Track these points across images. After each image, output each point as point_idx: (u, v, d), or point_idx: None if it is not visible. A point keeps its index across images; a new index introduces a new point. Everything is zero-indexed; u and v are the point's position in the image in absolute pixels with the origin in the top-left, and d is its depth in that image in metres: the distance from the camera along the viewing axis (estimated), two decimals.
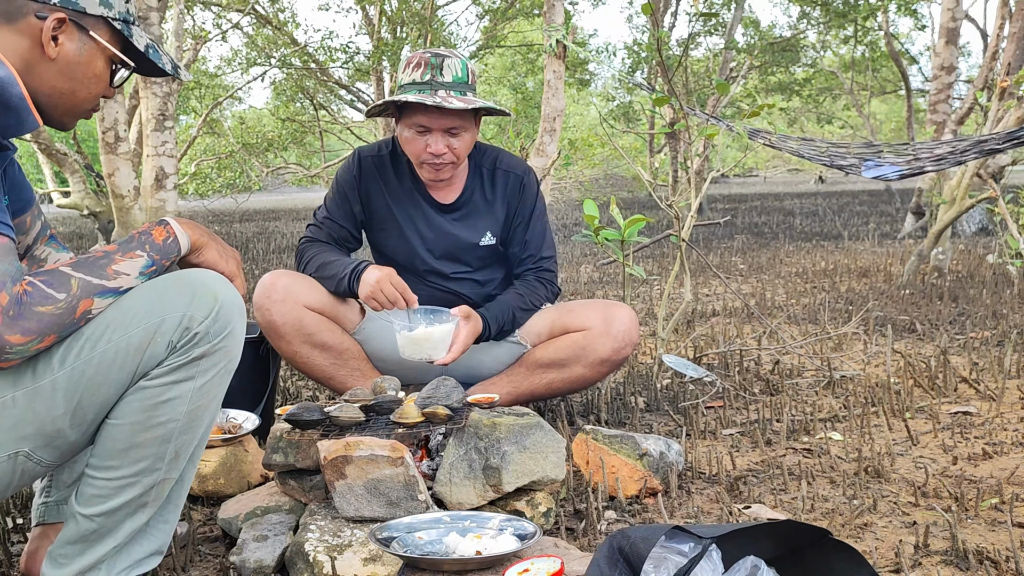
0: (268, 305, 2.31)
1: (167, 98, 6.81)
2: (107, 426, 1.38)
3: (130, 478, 1.40)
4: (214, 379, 1.41)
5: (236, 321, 1.42)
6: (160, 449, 1.40)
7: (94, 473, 1.40)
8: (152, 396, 1.37)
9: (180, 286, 1.38)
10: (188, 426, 1.41)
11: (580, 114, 24.09)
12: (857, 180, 25.52)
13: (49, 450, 1.38)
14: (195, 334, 1.36)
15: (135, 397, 1.37)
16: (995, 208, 5.84)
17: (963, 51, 22.55)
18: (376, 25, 12.27)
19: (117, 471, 1.39)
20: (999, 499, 2.00)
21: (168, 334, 1.35)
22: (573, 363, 2.43)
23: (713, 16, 4.56)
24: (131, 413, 1.37)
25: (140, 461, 1.39)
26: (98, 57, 1.45)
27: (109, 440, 1.38)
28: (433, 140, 2.28)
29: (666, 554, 1.26)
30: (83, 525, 1.42)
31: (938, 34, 9.11)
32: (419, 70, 2.27)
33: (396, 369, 2.49)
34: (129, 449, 1.38)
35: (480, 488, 1.83)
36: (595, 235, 2.96)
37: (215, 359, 1.40)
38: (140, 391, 1.37)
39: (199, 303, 1.37)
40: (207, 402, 1.43)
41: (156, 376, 1.36)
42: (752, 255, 7.65)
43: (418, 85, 2.26)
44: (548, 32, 5.36)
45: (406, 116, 2.30)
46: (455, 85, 2.26)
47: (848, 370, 3.31)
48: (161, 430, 1.39)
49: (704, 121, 4.62)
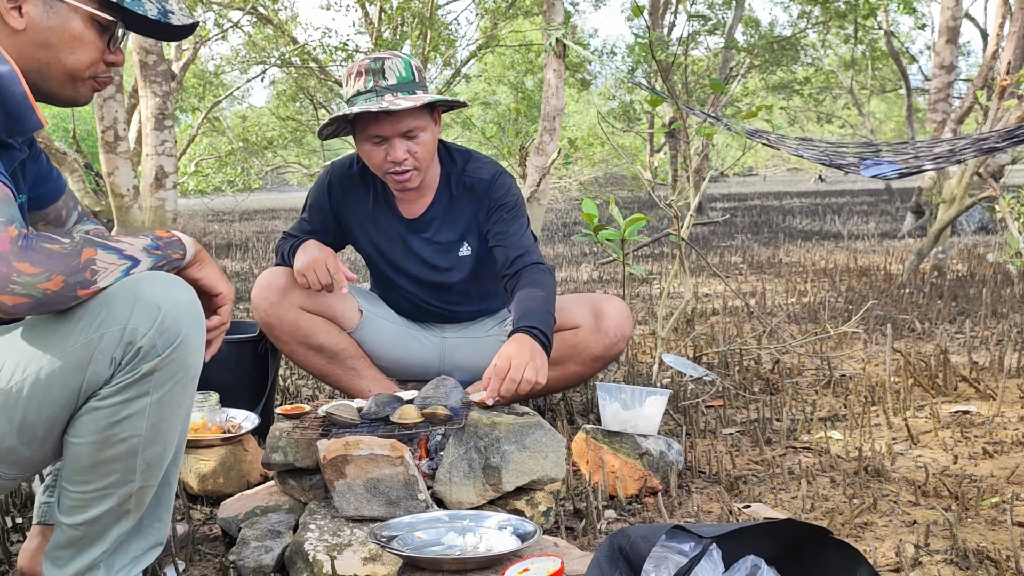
0: (265, 306, 2.30)
1: (166, 97, 6.80)
2: (68, 443, 1.32)
3: (103, 490, 1.35)
4: (172, 391, 1.32)
5: (186, 328, 1.31)
6: (128, 463, 1.33)
7: (68, 485, 1.36)
8: (106, 416, 1.29)
9: (120, 297, 1.28)
10: (154, 439, 1.34)
11: (580, 113, 24.08)
12: (857, 179, 25.52)
13: (7, 465, 1.33)
14: (139, 348, 1.27)
15: (88, 417, 1.30)
16: (995, 207, 5.84)
17: (963, 50, 22.55)
18: (376, 24, 12.27)
19: (88, 485, 1.34)
20: (999, 498, 2.00)
21: (109, 351, 1.26)
22: (566, 361, 2.40)
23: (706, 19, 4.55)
24: (88, 432, 1.30)
25: (109, 475, 1.34)
26: (72, 18, 1.37)
27: (73, 457, 1.33)
28: (391, 148, 2.19)
29: (666, 553, 1.26)
30: (68, 533, 1.38)
31: (938, 33, 9.11)
32: (361, 79, 2.18)
33: (393, 367, 2.50)
34: (95, 466, 1.32)
35: (480, 487, 1.83)
36: (595, 234, 2.96)
37: (169, 371, 1.30)
38: (92, 411, 1.30)
39: (140, 314, 1.27)
40: (169, 414, 1.34)
41: (106, 396, 1.29)
42: (752, 254, 7.65)
43: (363, 94, 2.17)
44: (548, 31, 5.36)
45: (360, 129, 2.22)
46: (401, 86, 2.18)
47: (848, 369, 3.31)
48: (124, 446, 1.32)
49: (703, 120, 4.62)
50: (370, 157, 2.25)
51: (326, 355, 2.39)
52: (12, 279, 1.20)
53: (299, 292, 2.32)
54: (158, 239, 1.39)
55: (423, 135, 2.21)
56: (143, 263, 1.35)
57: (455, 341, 2.52)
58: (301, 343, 2.35)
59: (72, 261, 1.24)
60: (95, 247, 1.28)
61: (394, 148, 2.19)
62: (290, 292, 2.32)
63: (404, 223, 2.40)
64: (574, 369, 2.43)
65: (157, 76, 6.74)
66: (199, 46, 11.39)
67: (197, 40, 11.37)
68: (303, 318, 2.32)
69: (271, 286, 2.31)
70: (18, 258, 1.20)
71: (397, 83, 2.17)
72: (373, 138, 2.20)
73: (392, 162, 2.20)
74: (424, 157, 2.24)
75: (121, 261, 1.31)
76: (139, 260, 1.34)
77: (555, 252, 8.45)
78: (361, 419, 1.89)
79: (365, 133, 2.21)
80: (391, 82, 2.17)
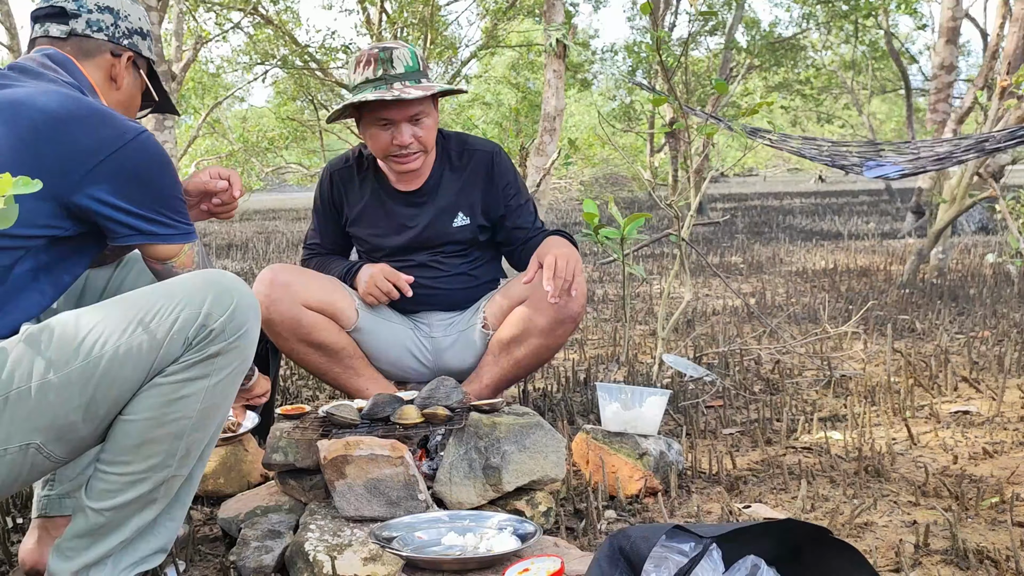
0: (266, 303, 2.30)
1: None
2: (120, 422, 1.39)
3: (141, 474, 1.41)
4: (227, 378, 1.43)
5: (251, 321, 1.44)
6: (172, 446, 1.41)
7: (106, 468, 1.42)
8: (166, 393, 1.38)
9: (198, 284, 1.41)
10: (200, 424, 1.43)
11: (580, 113, 24.08)
12: (857, 179, 25.52)
13: (60, 444, 1.38)
14: (211, 331, 1.39)
15: (150, 393, 1.38)
16: (995, 207, 5.84)
17: (963, 50, 22.54)
18: (377, 25, 12.27)
19: (129, 466, 1.41)
20: (999, 498, 2.00)
21: (185, 331, 1.37)
22: (528, 336, 2.37)
23: (712, 15, 4.54)
24: (145, 409, 1.38)
25: (152, 457, 1.41)
26: (139, 90, 1.73)
27: (122, 436, 1.39)
28: (398, 131, 2.31)
29: (667, 553, 1.26)
30: (92, 519, 1.43)
31: (938, 33, 9.11)
32: (370, 67, 2.30)
33: (390, 367, 2.50)
34: (141, 445, 1.40)
35: (480, 488, 1.83)
36: (595, 234, 2.96)
37: (230, 358, 1.42)
38: (155, 387, 1.38)
39: (217, 301, 1.39)
40: (219, 401, 1.44)
41: (171, 373, 1.38)
42: (752, 254, 7.65)
43: (372, 82, 2.30)
44: (548, 31, 5.36)
45: (368, 114, 2.34)
46: (408, 75, 2.30)
47: (848, 369, 3.31)
48: (174, 427, 1.40)
49: (704, 120, 4.62)
50: (376, 140, 2.36)
51: (326, 353, 2.39)
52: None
53: (301, 288, 2.33)
54: None
55: (427, 120, 2.34)
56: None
57: (443, 341, 2.51)
58: (301, 340, 2.35)
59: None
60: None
61: (401, 132, 2.31)
62: (292, 288, 2.32)
63: (403, 197, 2.48)
64: (538, 343, 2.38)
65: None
66: (199, 46, 11.39)
67: (197, 40, 11.37)
68: (304, 315, 2.33)
69: (273, 282, 2.32)
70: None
71: (405, 72, 2.30)
72: (380, 122, 2.32)
73: (398, 145, 2.32)
74: (428, 141, 2.37)
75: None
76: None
77: None
78: (361, 419, 1.90)
79: (373, 116, 2.32)
80: (399, 71, 2.30)
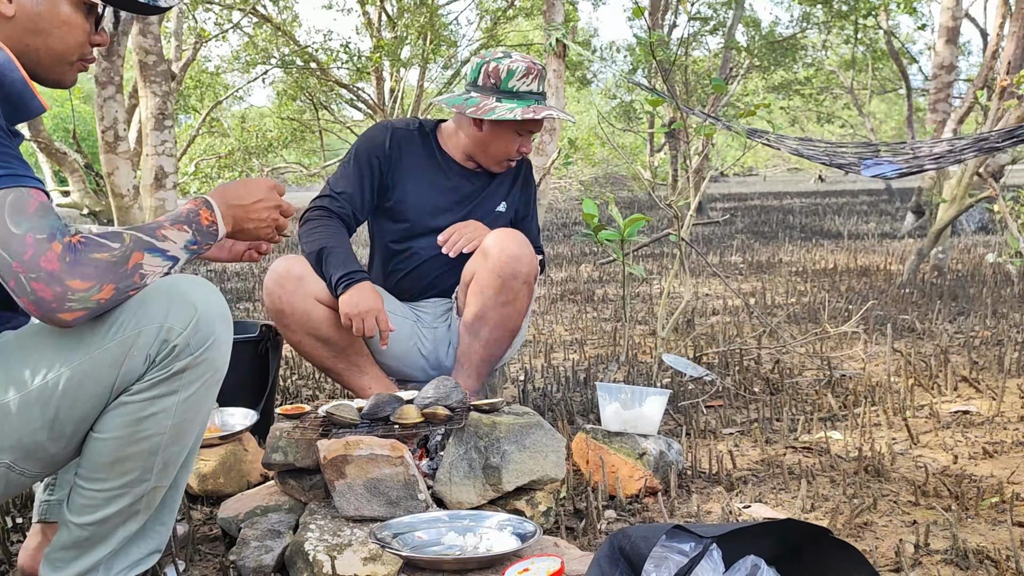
0: (280, 293, 2.31)
1: (166, 97, 6.80)
2: (91, 439, 1.34)
3: (118, 489, 1.37)
4: (199, 391, 1.37)
5: (218, 330, 1.36)
6: (147, 462, 1.36)
7: (83, 484, 1.37)
8: (134, 411, 1.33)
9: (156, 296, 1.32)
10: (175, 438, 1.38)
11: (580, 113, 24.07)
12: (857, 179, 25.53)
13: (31, 462, 1.35)
14: (174, 347, 1.31)
15: (117, 412, 1.33)
16: (995, 207, 5.84)
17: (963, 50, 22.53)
18: (376, 25, 12.26)
19: (105, 483, 1.36)
20: (999, 498, 2.00)
21: (145, 348, 1.30)
22: (486, 311, 2.34)
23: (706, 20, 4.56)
24: (114, 428, 1.33)
25: (127, 474, 1.36)
26: (59, 2, 1.38)
27: (94, 454, 1.35)
28: (525, 141, 2.49)
29: (667, 553, 1.26)
30: (75, 533, 1.40)
31: (938, 33, 9.11)
32: (536, 80, 2.43)
33: (395, 365, 2.50)
34: (115, 463, 1.35)
35: (480, 487, 1.83)
36: (595, 234, 2.96)
37: (199, 371, 1.35)
38: (122, 406, 1.33)
39: (176, 314, 1.31)
40: (193, 414, 1.38)
41: (137, 391, 1.32)
42: (752, 254, 7.65)
43: (535, 96, 2.43)
44: (548, 31, 5.36)
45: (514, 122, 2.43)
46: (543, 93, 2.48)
47: (848, 369, 3.31)
48: (147, 444, 1.35)
49: (703, 120, 4.62)
50: (507, 143, 2.47)
51: (333, 348, 2.39)
52: (68, 297, 1.23)
53: (314, 281, 2.33)
54: (197, 230, 1.41)
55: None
56: (181, 260, 1.40)
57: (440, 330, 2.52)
58: (309, 333, 2.35)
59: (121, 268, 1.28)
60: (142, 250, 1.31)
61: (528, 143, 2.50)
62: (304, 281, 2.32)
63: (463, 172, 2.55)
64: (496, 315, 2.35)
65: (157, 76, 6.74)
66: (199, 46, 11.38)
67: (197, 40, 11.37)
68: (316, 308, 2.33)
69: (288, 273, 2.32)
70: (69, 275, 1.23)
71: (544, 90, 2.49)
72: (523, 132, 2.47)
73: (519, 152, 2.49)
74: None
75: (164, 263, 1.36)
76: (179, 259, 1.39)
77: (555, 252, 8.45)
78: (361, 419, 1.89)
79: (518, 125, 2.44)
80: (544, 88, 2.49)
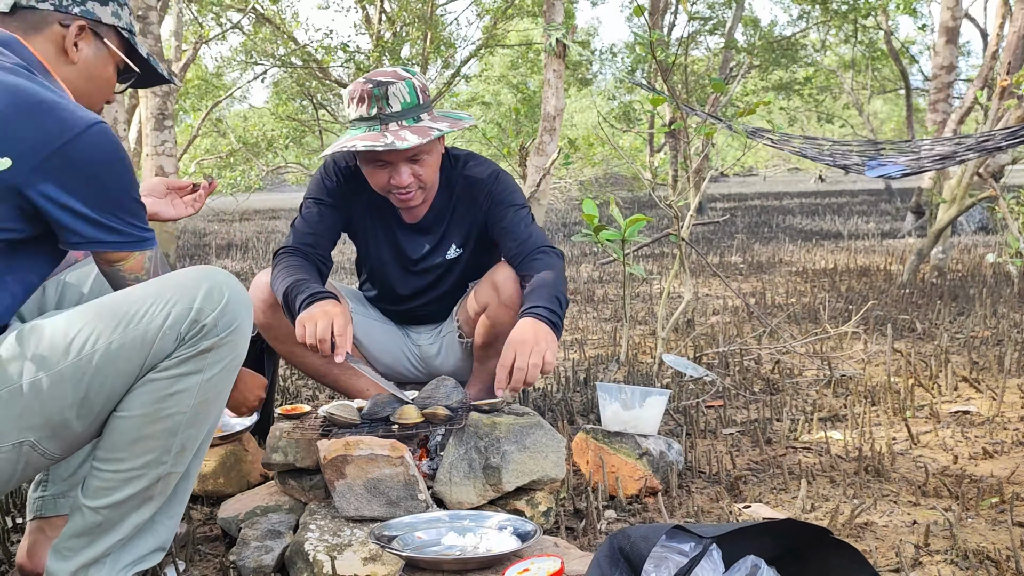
0: (263, 307, 2.28)
1: (166, 97, 6.81)
2: (114, 418, 1.40)
3: (137, 471, 1.42)
4: (221, 373, 1.43)
5: (243, 316, 1.44)
6: (167, 442, 1.42)
7: (101, 465, 1.42)
8: (160, 388, 1.39)
9: (189, 279, 1.41)
10: (195, 419, 1.43)
11: (580, 113, 24.06)
12: (857, 179, 25.53)
13: (55, 441, 1.39)
14: (203, 326, 1.39)
15: (143, 389, 1.39)
16: (995, 207, 5.84)
17: (963, 50, 22.53)
18: (376, 24, 12.26)
19: (124, 463, 1.41)
20: (999, 498, 2.00)
21: (177, 326, 1.38)
22: (496, 341, 2.25)
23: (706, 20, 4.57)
24: (139, 405, 1.39)
25: (147, 454, 1.41)
26: (109, 62, 1.61)
27: (116, 432, 1.40)
28: (396, 172, 2.11)
29: (667, 553, 1.26)
30: (89, 518, 1.43)
31: (938, 33, 9.11)
32: (364, 105, 2.08)
33: (386, 370, 2.49)
34: (136, 441, 1.40)
35: (480, 487, 1.83)
36: (595, 235, 2.96)
37: (222, 353, 1.42)
38: (148, 383, 1.38)
39: (208, 296, 1.40)
40: (214, 396, 1.45)
41: (164, 368, 1.38)
42: (752, 254, 7.65)
43: (366, 121, 2.09)
44: (548, 31, 5.36)
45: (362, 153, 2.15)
46: (405, 113, 2.09)
47: (848, 369, 3.31)
48: (168, 423, 1.40)
49: (703, 120, 4.62)
50: (373, 178, 2.17)
51: (324, 355, 2.38)
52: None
53: None
54: None
55: (427, 157, 2.14)
56: None
57: (430, 349, 2.51)
58: (300, 343, 2.34)
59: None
60: None
61: (399, 173, 2.12)
62: None
63: (405, 227, 2.36)
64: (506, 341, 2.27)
65: None
66: (199, 46, 11.38)
67: (197, 40, 11.37)
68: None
69: (269, 287, 2.29)
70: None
71: (402, 110, 2.09)
72: (377, 162, 2.13)
73: (395, 185, 2.14)
74: (429, 178, 2.18)
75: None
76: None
77: None
78: (361, 419, 1.89)
79: (367, 156, 2.15)
80: (395, 109, 2.09)
